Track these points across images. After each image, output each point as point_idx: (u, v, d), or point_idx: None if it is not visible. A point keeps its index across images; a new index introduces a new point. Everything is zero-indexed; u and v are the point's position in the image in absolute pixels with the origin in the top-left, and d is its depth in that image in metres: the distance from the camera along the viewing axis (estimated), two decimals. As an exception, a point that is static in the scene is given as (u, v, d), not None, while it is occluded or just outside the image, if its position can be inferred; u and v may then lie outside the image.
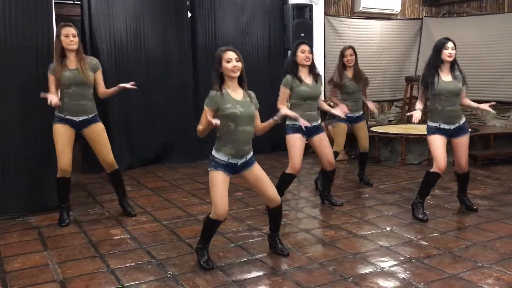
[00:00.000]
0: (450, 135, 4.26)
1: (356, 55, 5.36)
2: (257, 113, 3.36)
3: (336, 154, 5.55)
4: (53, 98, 4.01)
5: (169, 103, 6.90)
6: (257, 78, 7.20)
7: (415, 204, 4.41)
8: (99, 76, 4.31)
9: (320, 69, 7.75)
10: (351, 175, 5.98)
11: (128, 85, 4.29)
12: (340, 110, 4.45)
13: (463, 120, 4.30)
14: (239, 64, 3.22)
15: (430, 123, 4.28)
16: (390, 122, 8.81)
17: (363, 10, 8.41)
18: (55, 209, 4.61)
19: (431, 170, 4.27)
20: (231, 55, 3.20)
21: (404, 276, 3.19)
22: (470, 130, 7.12)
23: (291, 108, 4.27)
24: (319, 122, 4.45)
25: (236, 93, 3.26)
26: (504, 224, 4.20)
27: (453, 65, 4.21)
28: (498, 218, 4.35)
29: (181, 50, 6.96)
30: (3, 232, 4.14)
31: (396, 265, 3.37)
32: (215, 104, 3.19)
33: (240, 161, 3.27)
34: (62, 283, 3.15)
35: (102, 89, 4.34)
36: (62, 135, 4.16)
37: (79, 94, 4.17)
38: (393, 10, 8.67)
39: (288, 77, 4.32)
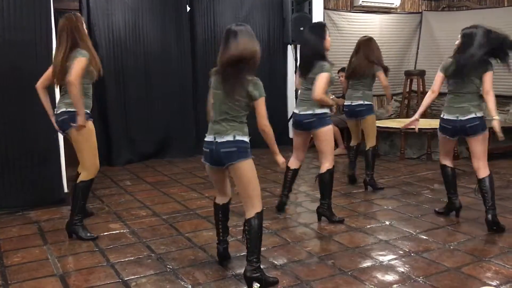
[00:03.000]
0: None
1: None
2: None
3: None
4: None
5: (168, 97, 6.89)
6: (257, 72, 7.18)
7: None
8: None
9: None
10: (350, 169, 5.98)
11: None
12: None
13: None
14: None
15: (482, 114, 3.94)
16: (389, 116, 8.80)
17: (362, 4, 8.39)
18: (55, 203, 4.63)
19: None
20: None
21: (403, 270, 3.20)
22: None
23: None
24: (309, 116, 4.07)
25: None
26: (503, 218, 4.20)
27: None
28: (497, 212, 4.33)
29: (180, 44, 6.94)
30: (3, 226, 4.15)
31: (395, 259, 3.38)
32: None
33: None
34: (62, 277, 3.16)
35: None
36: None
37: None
38: (393, 4, 8.64)
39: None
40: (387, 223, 4.13)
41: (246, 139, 2.95)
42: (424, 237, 3.78)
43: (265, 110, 2.95)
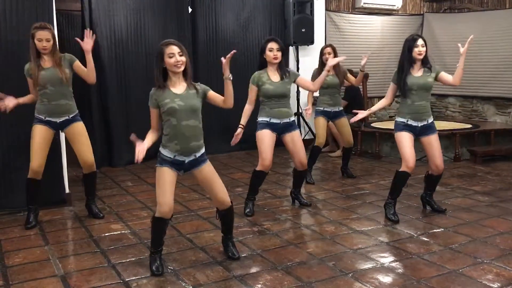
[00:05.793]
0: (417, 133, 4.20)
1: (335, 53, 5.53)
2: (212, 93, 3.23)
3: (318, 148, 5.65)
4: (9, 102, 4.00)
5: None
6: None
7: (387, 204, 4.32)
8: (78, 66, 4.12)
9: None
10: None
11: None
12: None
13: (431, 119, 4.23)
14: (183, 59, 3.11)
15: (399, 119, 4.24)
16: (390, 118, 8.79)
17: (364, 5, 8.38)
18: (56, 204, 4.64)
19: (400, 169, 4.22)
20: (173, 49, 3.09)
21: (404, 272, 3.20)
22: (471, 126, 7.25)
23: (261, 106, 4.34)
24: (291, 119, 4.34)
25: (177, 87, 3.15)
26: (504, 220, 4.20)
27: (424, 61, 4.29)
28: (498, 214, 4.36)
29: (182, 45, 6.94)
30: (4, 227, 4.16)
31: (396, 260, 3.38)
32: (154, 102, 3.14)
33: (187, 159, 3.16)
34: (63, 277, 3.17)
35: (85, 72, 4.10)
36: (40, 136, 4.04)
37: (57, 93, 4.05)
38: (394, 5, 8.64)
39: (255, 74, 4.31)
40: (388, 224, 4.13)
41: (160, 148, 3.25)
42: (425, 239, 3.78)
43: None
